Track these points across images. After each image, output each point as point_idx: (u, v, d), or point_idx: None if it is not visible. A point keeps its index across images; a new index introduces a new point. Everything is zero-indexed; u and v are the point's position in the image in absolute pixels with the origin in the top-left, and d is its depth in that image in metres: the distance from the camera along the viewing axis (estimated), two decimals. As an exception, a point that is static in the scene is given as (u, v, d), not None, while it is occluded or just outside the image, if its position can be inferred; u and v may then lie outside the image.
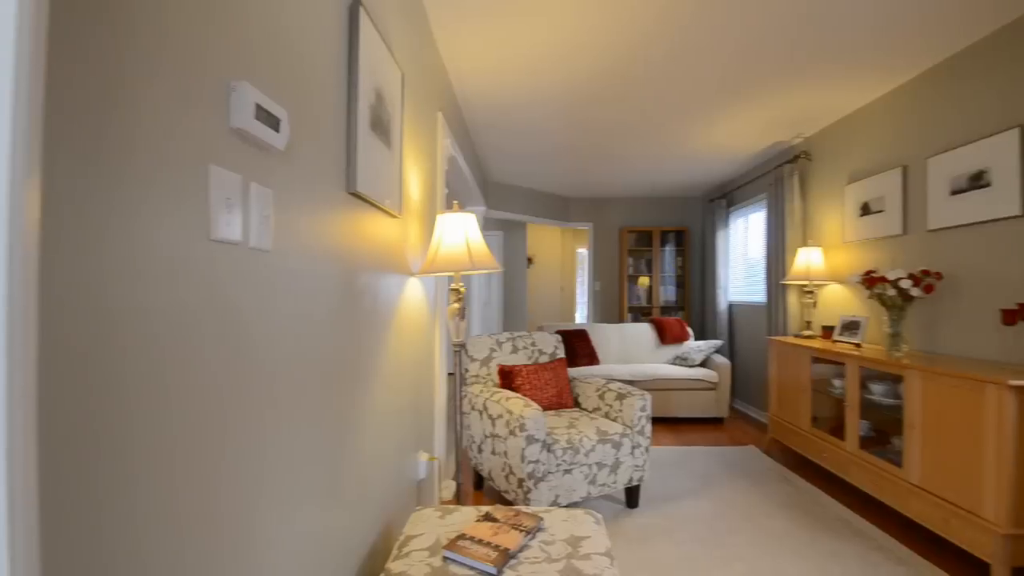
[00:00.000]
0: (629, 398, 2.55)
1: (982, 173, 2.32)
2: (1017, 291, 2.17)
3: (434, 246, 1.80)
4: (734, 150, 4.16)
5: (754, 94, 2.99)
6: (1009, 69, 2.22)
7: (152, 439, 0.59)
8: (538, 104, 3.15)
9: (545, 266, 8.30)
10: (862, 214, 3.16)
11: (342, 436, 1.20)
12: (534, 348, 3.06)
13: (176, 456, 0.64)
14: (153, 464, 0.60)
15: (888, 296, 2.56)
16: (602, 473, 2.40)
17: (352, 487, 1.27)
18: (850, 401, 2.65)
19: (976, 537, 1.90)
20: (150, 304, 0.59)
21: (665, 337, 4.84)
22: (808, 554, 2.13)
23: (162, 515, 0.61)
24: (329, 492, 1.12)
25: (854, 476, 2.60)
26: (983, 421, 1.88)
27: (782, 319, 3.92)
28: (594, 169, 4.80)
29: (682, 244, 5.93)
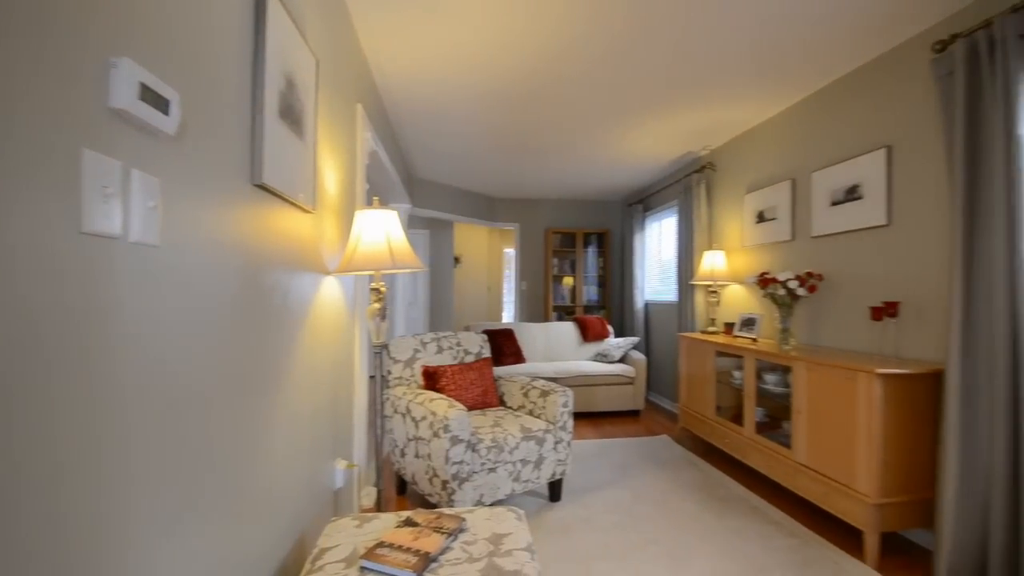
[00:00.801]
0: (552, 395, 2.61)
1: (856, 187, 2.65)
2: (883, 291, 2.50)
3: (352, 244, 1.72)
4: (650, 158, 4.41)
5: (668, 107, 3.18)
6: (876, 97, 2.55)
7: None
8: (464, 102, 3.14)
9: (472, 266, 8.30)
10: (758, 221, 3.49)
11: (246, 444, 1.11)
12: (459, 348, 3.04)
13: (20, 475, 0.55)
14: None
15: (779, 295, 2.84)
16: (526, 469, 2.43)
17: (258, 499, 1.18)
18: (748, 391, 2.91)
19: (851, 508, 2.16)
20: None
21: (587, 335, 5.02)
22: (715, 533, 2.30)
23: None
24: (230, 505, 1.03)
25: (752, 459, 2.86)
26: (856, 405, 2.15)
27: (691, 316, 4.22)
28: (521, 170, 4.87)
29: (604, 246, 6.19)
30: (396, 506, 2.61)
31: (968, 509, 1.90)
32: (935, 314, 2.22)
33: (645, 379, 4.54)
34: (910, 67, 2.35)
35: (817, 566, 2.03)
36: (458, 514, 1.47)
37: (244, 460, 1.10)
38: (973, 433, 1.91)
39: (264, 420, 1.21)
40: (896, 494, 2.07)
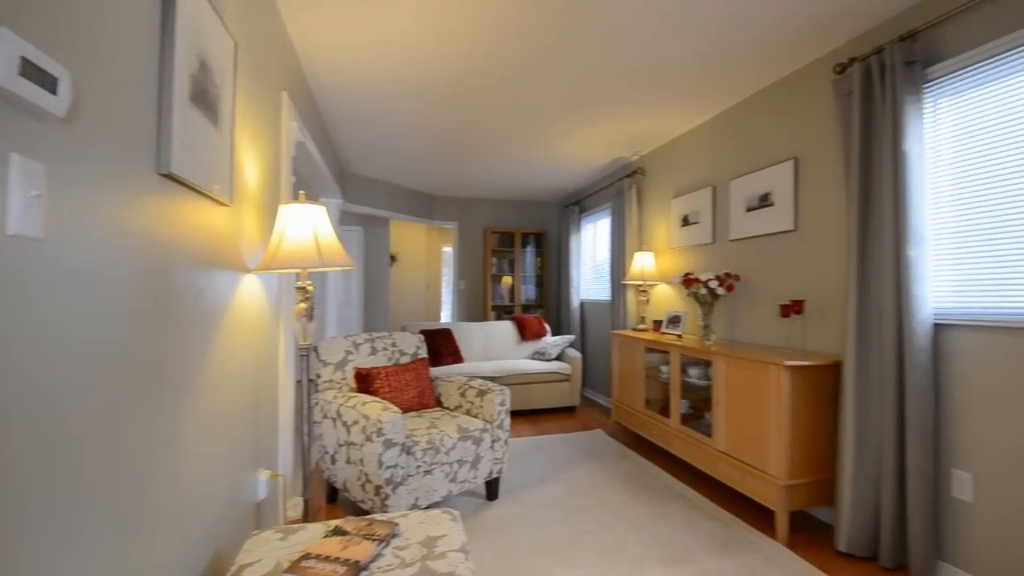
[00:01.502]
0: (489, 394, 2.61)
1: (768, 195, 2.87)
2: (791, 290, 2.73)
3: (276, 240, 1.62)
4: (585, 162, 4.53)
5: (601, 113, 3.28)
6: (786, 112, 2.77)
7: None
8: (400, 96, 3.06)
9: (410, 264, 8.13)
10: (683, 225, 3.69)
11: (148, 455, 1.01)
12: (395, 349, 2.96)
13: None
14: None
15: (701, 294, 3.03)
16: (463, 470, 2.42)
17: (165, 514, 1.08)
18: (673, 384, 3.07)
19: (764, 490, 2.34)
20: None
21: (525, 334, 5.08)
22: (643, 520, 2.41)
23: None
24: (127, 522, 0.94)
25: (677, 448, 3.02)
26: (767, 396, 2.33)
27: (623, 315, 4.39)
28: (460, 168, 4.83)
29: (541, 246, 6.28)
30: (326, 515, 2.50)
31: (862, 487, 2.11)
32: (835, 311, 2.46)
33: (581, 376, 4.67)
34: (815, 86, 2.58)
35: (735, 545, 2.18)
36: (391, 519, 1.43)
37: (146, 472, 1.00)
38: (866, 418, 2.13)
39: (172, 430, 1.11)
40: (802, 476, 2.27)
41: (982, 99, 1.86)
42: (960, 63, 1.90)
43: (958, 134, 1.94)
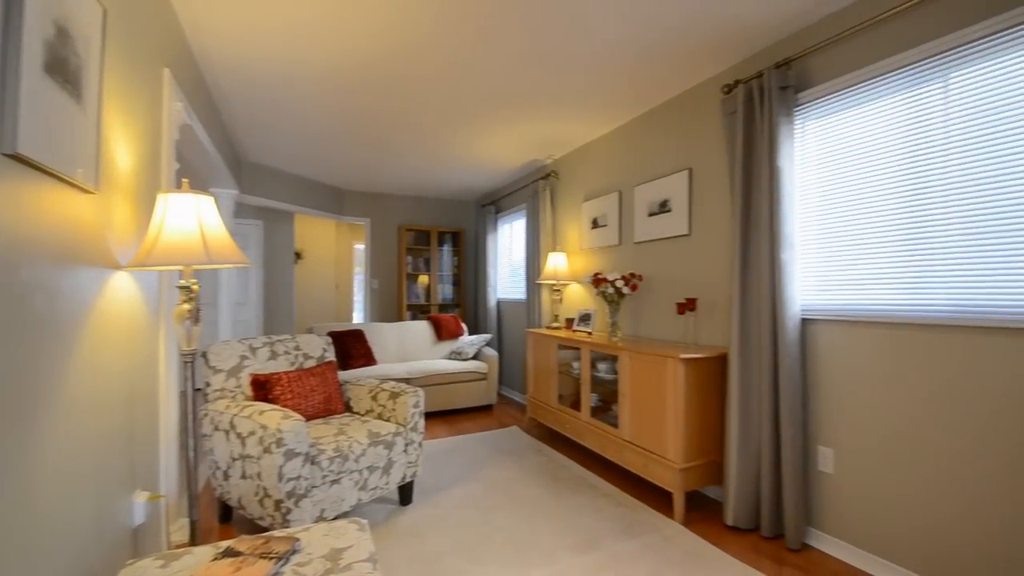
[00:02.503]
0: (403, 396, 2.54)
1: (667, 201, 3.09)
2: (686, 289, 2.97)
3: (153, 233, 1.45)
4: (501, 162, 4.58)
5: (518, 114, 3.33)
6: (682, 125, 3.00)
7: None
8: (304, 82, 2.87)
9: (317, 262, 7.68)
10: (593, 227, 3.86)
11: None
12: (298, 352, 2.78)
13: None
14: None
15: (609, 293, 3.19)
16: (374, 476, 2.33)
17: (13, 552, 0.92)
18: (584, 379, 3.20)
19: (664, 474, 2.52)
20: None
21: (442, 333, 5.02)
22: (556, 512, 2.48)
23: None
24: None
25: (588, 440, 3.15)
26: (665, 386, 2.51)
27: (537, 313, 4.50)
28: (372, 163, 4.65)
29: (458, 245, 6.25)
30: (218, 536, 2.29)
31: (745, 466, 2.35)
32: (722, 308, 2.71)
33: (497, 374, 4.71)
34: (707, 104, 2.82)
35: (639, 528, 2.33)
36: (291, 535, 1.34)
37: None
38: (748, 403, 2.37)
39: (19, 455, 0.95)
40: (696, 459, 2.48)
41: (840, 123, 2.16)
42: (824, 90, 2.19)
43: (822, 153, 2.23)
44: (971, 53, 1.72)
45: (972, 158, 1.72)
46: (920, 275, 1.87)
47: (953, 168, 1.77)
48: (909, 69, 1.90)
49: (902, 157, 1.93)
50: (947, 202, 1.79)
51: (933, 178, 1.83)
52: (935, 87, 1.83)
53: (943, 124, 1.80)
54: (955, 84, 1.77)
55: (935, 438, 1.81)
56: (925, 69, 1.85)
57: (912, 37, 1.88)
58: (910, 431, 1.89)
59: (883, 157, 1.99)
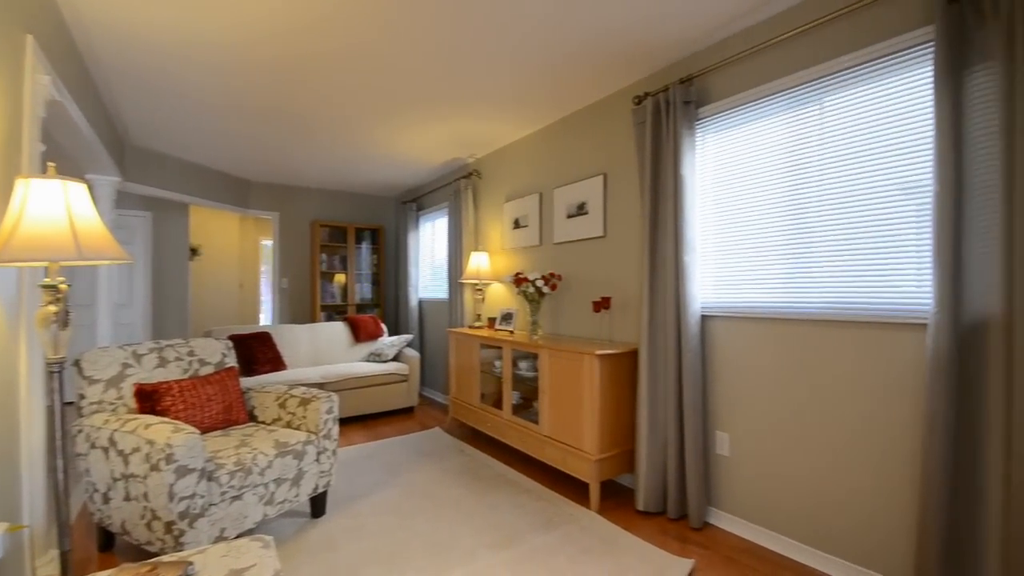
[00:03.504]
0: (314, 402, 2.41)
1: (584, 204, 3.21)
2: (601, 288, 3.10)
3: (9, 224, 1.24)
4: (422, 159, 4.49)
5: (437, 111, 3.28)
6: (598, 131, 3.14)
7: None
8: (200, 54, 2.61)
9: (217, 259, 7.04)
10: (515, 227, 3.92)
11: None
12: (192, 359, 2.53)
13: None
14: None
15: (529, 292, 3.25)
16: (282, 489, 2.18)
17: None
18: (506, 377, 3.24)
19: (581, 466, 2.61)
20: None
21: (360, 335, 4.83)
22: (476, 511, 2.48)
23: None
24: None
25: (510, 437, 3.19)
26: (582, 382, 2.60)
27: (460, 313, 4.47)
28: (281, 152, 4.35)
29: (378, 242, 6.04)
30: (98, 566, 2.02)
31: (654, 453, 2.51)
32: (634, 306, 2.87)
33: (419, 375, 4.61)
34: (620, 112, 2.97)
35: (558, 520, 2.39)
36: (183, 558, 1.21)
37: None
38: (656, 394, 2.53)
39: None
40: (610, 449, 2.60)
41: (734, 138, 2.37)
42: (721, 107, 2.39)
43: (719, 165, 2.44)
44: (842, 80, 1.97)
45: (843, 174, 1.97)
46: (800, 276, 2.11)
47: (828, 182, 2.02)
48: (790, 92, 2.13)
49: (785, 171, 2.16)
50: (823, 212, 2.04)
51: (811, 191, 2.07)
52: (812, 109, 2.07)
53: (819, 143, 2.05)
54: (829, 107, 2.01)
55: (816, 421, 2.05)
56: (804, 93, 2.09)
57: (792, 64, 2.11)
58: (795, 415, 2.12)
59: (770, 171, 2.22)
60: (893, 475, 1.81)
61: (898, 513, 1.80)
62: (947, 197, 1.57)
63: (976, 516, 1.56)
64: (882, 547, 1.84)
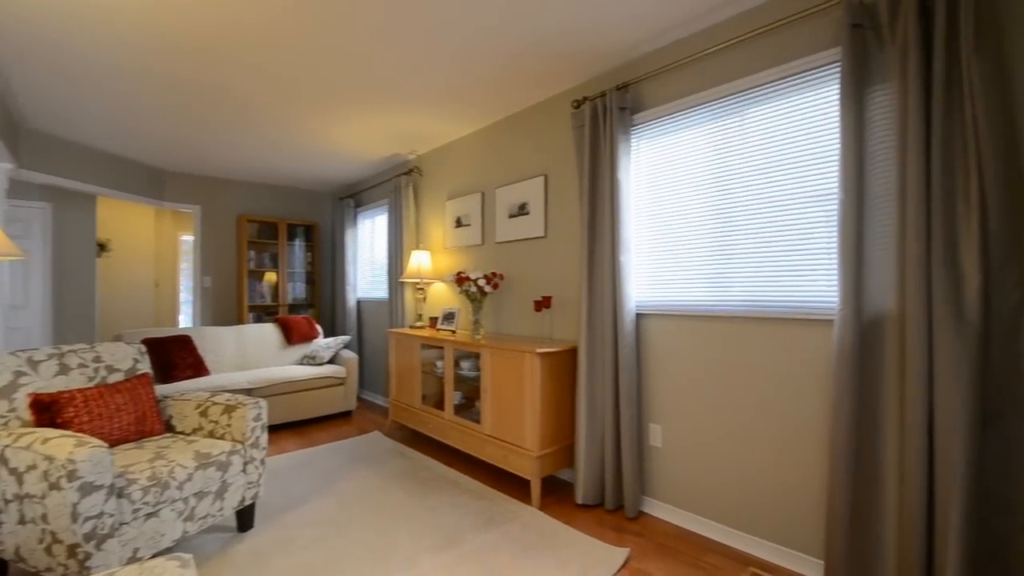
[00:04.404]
0: (240, 409, 2.26)
1: (525, 204, 3.24)
2: (542, 287, 3.15)
3: None
4: (360, 154, 4.34)
5: (374, 104, 3.19)
6: (539, 133, 3.18)
7: None
8: (104, 27, 2.38)
9: (130, 255, 6.44)
10: (457, 226, 3.89)
11: None
12: (99, 365, 2.30)
13: None
14: None
15: (471, 292, 3.24)
16: (204, 503, 2.03)
17: None
18: (447, 377, 3.21)
19: (523, 463, 2.64)
20: None
21: (292, 337, 4.60)
22: (416, 515, 2.44)
23: None
24: None
25: (451, 438, 3.16)
26: (523, 380, 2.63)
27: (400, 312, 4.38)
28: (203, 141, 4.05)
29: (312, 239, 5.77)
30: (-22, 605, 1.78)
31: (592, 447, 2.58)
32: (573, 305, 2.93)
33: (357, 378, 4.47)
34: (560, 115, 3.03)
35: (500, 518, 2.40)
36: (86, 588, 1.09)
37: None
38: (594, 390, 2.60)
39: None
40: (551, 445, 2.64)
41: (666, 145, 2.48)
42: (654, 115, 2.50)
43: (652, 170, 2.55)
44: (762, 94, 2.12)
45: (763, 182, 2.12)
46: (725, 276, 2.25)
47: (749, 189, 2.17)
48: (715, 104, 2.27)
49: (712, 178, 2.29)
50: (745, 217, 2.18)
51: (735, 197, 2.21)
52: (735, 121, 2.21)
53: (741, 153, 2.19)
54: (750, 119, 2.16)
55: (739, 412, 2.20)
56: (728, 105, 2.23)
57: (718, 77, 2.24)
58: (720, 407, 2.26)
59: (698, 177, 2.35)
60: (807, 458, 1.98)
61: (811, 493, 1.96)
62: (851, 204, 1.74)
63: (876, 489, 1.73)
64: (797, 525, 2.00)
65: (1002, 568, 1.49)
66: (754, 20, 2.12)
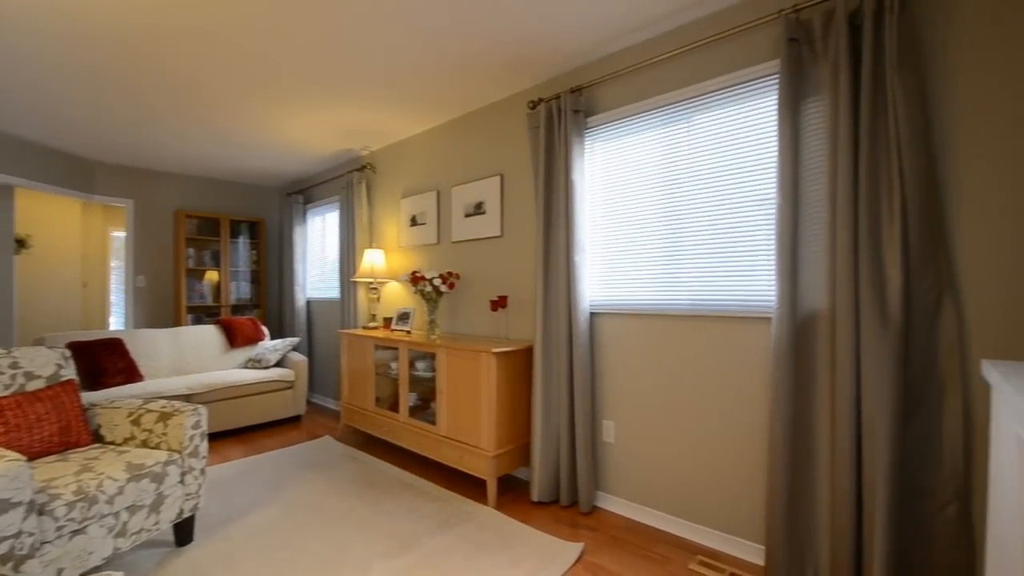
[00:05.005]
0: (177, 416, 2.13)
1: (481, 203, 3.23)
2: (499, 287, 3.15)
3: None
4: (309, 148, 4.19)
5: (326, 97, 3.08)
6: (495, 132, 3.18)
7: None
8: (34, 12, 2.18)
9: (54, 252, 5.93)
10: (412, 224, 3.83)
11: None
12: (16, 372, 2.10)
13: None
14: None
15: (427, 291, 3.20)
16: (137, 518, 1.90)
17: None
18: (402, 379, 3.15)
19: (478, 463, 2.63)
20: None
21: (236, 339, 4.37)
22: (370, 520, 2.38)
23: None
24: None
25: (406, 440, 3.11)
26: (480, 380, 2.62)
27: (353, 313, 4.26)
28: (136, 131, 3.78)
29: (258, 237, 5.51)
30: None
31: (548, 444, 2.60)
32: (529, 304, 2.95)
33: (307, 381, 4.31)
34: (517, 115, 3.04)
35: (455, 520, 2.38)
36: (-4, 617, 1.00)
37: None
38: (549, 388, 2.63)
39: None
40: (507, 444, 2.65)
41: (618, 148, 2.54)
42: (607, 118, 2.55)
43: (606, 172, 2.60)
44: (708, 102, 2.21)
45: (709, 186, 2.21)
46: (674, 276, 2.33)
47: (697, 193, 2.25)
48: (665, 110, 2.35)
49: (661, 182, 2.37)
50: (692, 219, 2.27)
51: (683, 200, 2.30)
52: (683, 127, 2.29)
53: (689, 157, 2.28)
54: (697, 126, 2.25)
55: (688, 406, 2.28)
56: (676, 111, 2.31)
57: (667, 84, 2.32)
58: (669, 402, 2.34)
59: (648, 180, 2.42)
60: (749, 449, 2.08)
61: (753, 481, 2.07)
62: (787, 209, 1.84)
63: (811, 475, 1.85)
64: (740, 512, 2.10)
65: (924, 544, 1.63)
66: (701, 31, 2.20)
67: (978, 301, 1.57)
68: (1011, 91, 1.52)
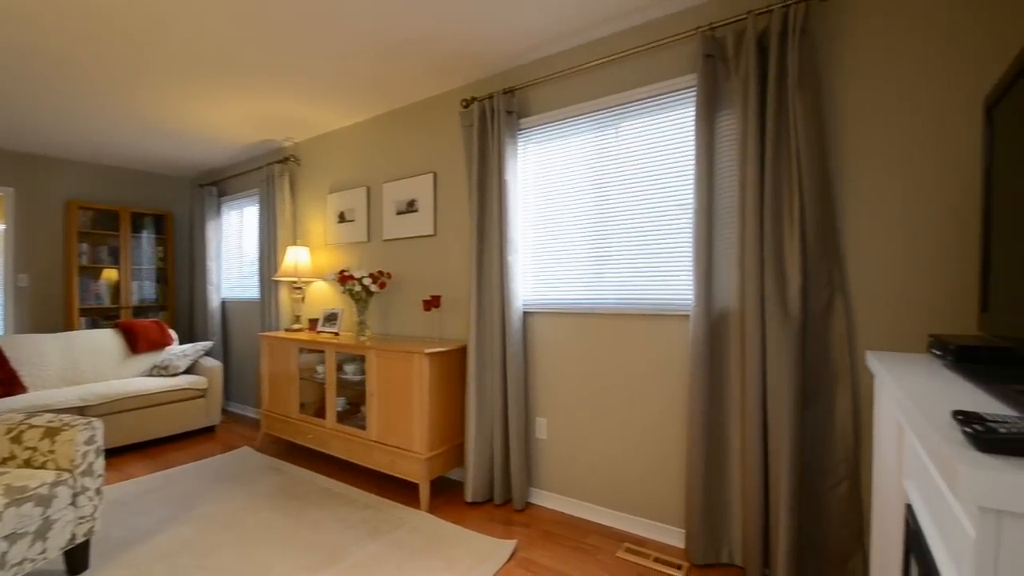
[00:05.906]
0: (66, 432, 1.89)
1: (414, 201, 3.16)
2: (432, 287, 3.10)
3: None
4: (225, 136, 3.89)
5: (243, 82, 2.87)
6: (428, 129, 3.12)
7: None
8: None
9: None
10: (340, 221, 3.67)
11: None
12: None
13: None
14: None
15: (356, 291, 3.08)
16: (19, 547, 1.67)
17: None
18: (329, 383, 3.02)
19: (411, 467, 2.57)
20: None
21: (139, 345, 3.97)
22: (294, 534, 2.26)
23: None
24: None
25: (334, 447, 2.98)
26: (412, 381, 2.57)
27: (275, 314, 4.01)
28: (18, 109, 3.31)
29: (164, 231, 5.03)
30: None
31: (482, 444, 2.61)
32: (463, 304, 2.94)
33: (222, 388, 4.00)
34: (449, 113, 3.01)
35: (386, 527, 2.32)
36: None
37: None
38: (483, 388, 2.63)
39: None
40: (440, 446, 2.62)
41: (549, 151, 2.59)
42: (539, 121, 2.59)
43: (538, 173, 2.64)
44: (634, 110, 2.31)
45: (635, 190, 2.31)
46: (602, 275, 2.41)
47: (624, 197, 2.35)
48: (593, 115, 2.42)
49: (591, 185, 2.45)
50: (619, 222, 2.36)
51: (611, 202, 2.38)
52: (611, 132, 2.38)
53: (616, 162, 2.37)
54: (624, 132, 2.34)
55: (614, 401, 2.37)
56: (604, 117, 2.40)
57: (596, 90, 2.40)
58: (598, 397, 2.42)
59: (579, 183, 2.49)
60: (670, 438, 2.20)
61: (673, 469, 2.19)
62: (703, 215, 1.97)
63: (724, 460, 1.99)
64: (663, 499, 2.22)
65: (821, 520, 1.81)
66: (627, 41, 2.30)
67: (866, 299, 1.77)
68: (895, 110, 1.73)
